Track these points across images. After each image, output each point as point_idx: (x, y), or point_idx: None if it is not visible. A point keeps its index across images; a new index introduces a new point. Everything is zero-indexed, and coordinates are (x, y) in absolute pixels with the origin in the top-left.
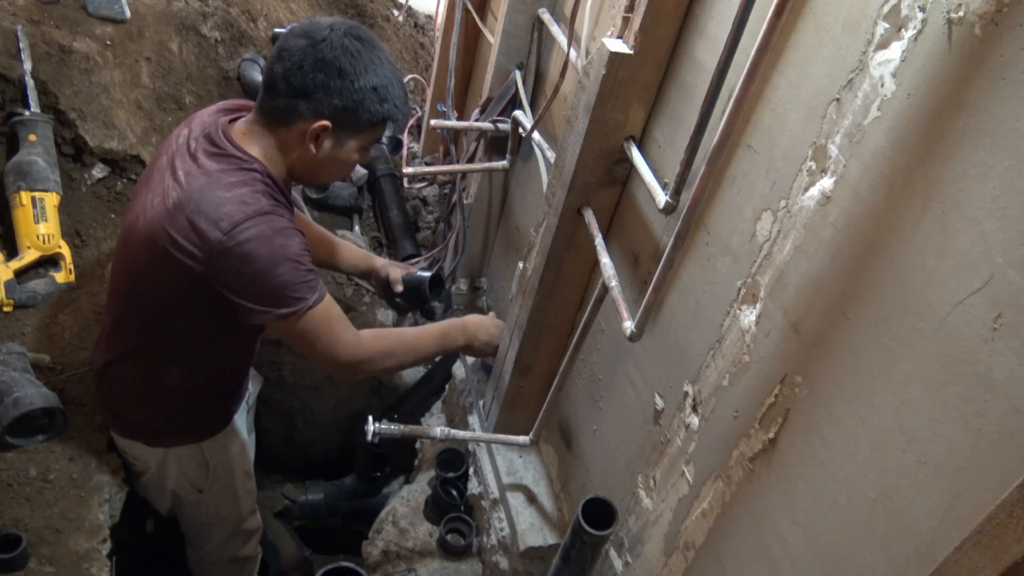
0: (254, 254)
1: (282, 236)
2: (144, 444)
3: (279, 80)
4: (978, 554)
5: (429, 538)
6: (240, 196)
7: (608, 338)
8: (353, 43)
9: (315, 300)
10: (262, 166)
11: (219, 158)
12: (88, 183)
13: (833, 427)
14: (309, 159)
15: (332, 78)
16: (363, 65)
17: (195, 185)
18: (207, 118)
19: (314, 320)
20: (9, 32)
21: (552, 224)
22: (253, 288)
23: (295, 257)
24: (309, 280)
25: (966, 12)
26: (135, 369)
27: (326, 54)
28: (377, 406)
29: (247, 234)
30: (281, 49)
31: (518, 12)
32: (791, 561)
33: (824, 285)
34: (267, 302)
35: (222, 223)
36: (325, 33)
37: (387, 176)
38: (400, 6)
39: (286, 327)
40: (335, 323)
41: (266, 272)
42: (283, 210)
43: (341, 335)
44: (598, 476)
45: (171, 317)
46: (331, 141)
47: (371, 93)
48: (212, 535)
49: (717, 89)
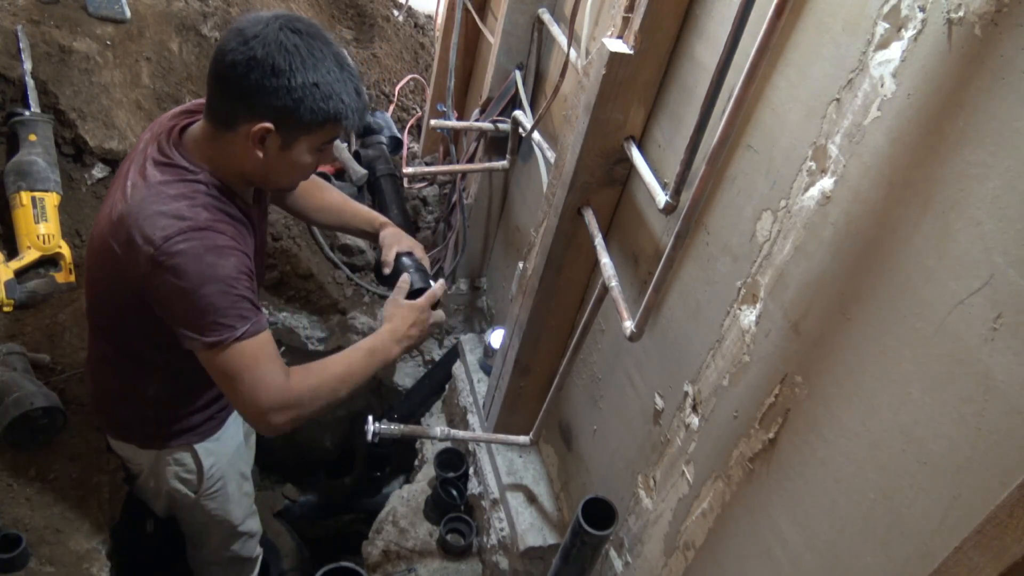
0: (182, 270)
1: (214, 254)
2: (137, 447)
3: (215, 82)
4: (978, 554)
5: (429, 538)
6: (176, 210)
7: (608, 338)
8: (290, 37)
9: (244, 332)
10: (208, 176)
11: (164, 168)
12: (88, 183)
13: (833, 427)
14: (258, 163)
15: (266, 77)
16: (300, 60)
17: (136, 198)
18: (165, 122)
19: (238, 355)
20: (9, 32)
21: (552, 224)
22: (181, 308)
23: (225, 279)
24: (241, 308)
25: (966, 12)
26: (117, 378)
27: (258, 52)
28: (377, 406)
29: (177, 248)
30: (217, 49)
31: (518, 12)
32: (791, 561)
33: (824, 285)
34: (193, 326)
35: (155, 238)
36: (258, 29)
37: (387, 176)
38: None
39: (207, 358)
40: (263, 363)
41: (192, 291)
42: (226, 224)
43: (267, 377)
44: (598, 476)
45: (132, 330)
46: (277, 143)
47: (312, 90)
48: (210, 536)
49: (717, 89)
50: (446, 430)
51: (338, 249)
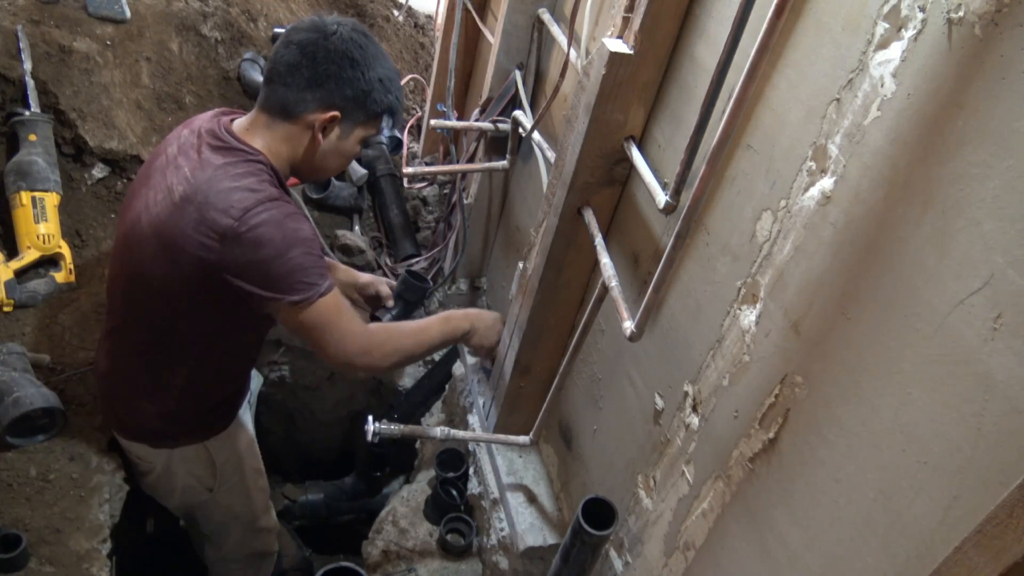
0: (266, 238)
1: (293, 220)
2: (149, 447)
3: (288, 72)
4: (978, 554)
5: (429, 538)
6: (248, 184)
7: (608, 338)
8: (360, 37)
9: (326, 287)
10: (266, 159)
11: (224, 152)
12: (88, 183)
13: (833, 427)
14: (313, 150)
15: (344, 68)
16: (371, 57)
17: (202, 178)
18: (207, 118)
19: (325, 309)
20: (9, 32)
21: (552, 224)
22: (265, 273)
23: (306, 241)
24: (320, 266)
25: (966, 12)
26: (142, 371)
27: (338, 45)
28: (377, 406)
29: (258, 219)
30: (288, 43)
31: (518, 12)
32: (791, 561)
33: (824, 285)
34: (279, 288)
35: (232, 210)
36: (335, 27)
37: (387, 176)
38: (400, 6)
39: (296, 317)
40: (345, 313)
41: (279, 256)
42: (289, 199)
43: (351, 326)
44: (598, 476)
45: (177, 316)
46: (337, 132)
47: (378, 84)
48: (229, 534)
49: (717, 89)
50: (446, 430)
51: (338, 249)
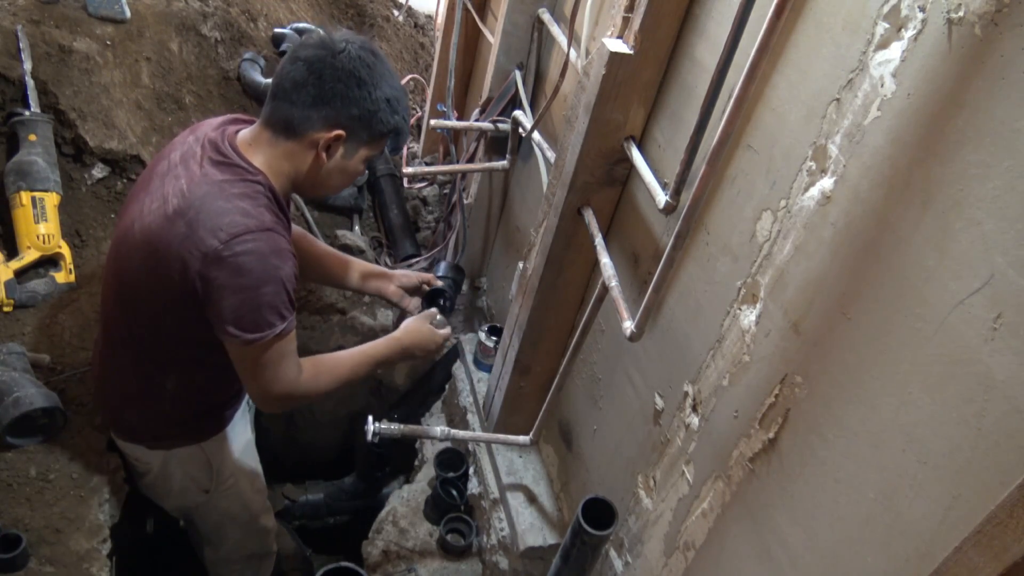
0: (246, 268)
1: (277, 257)
2: (146, 448)
3: (294, 89)
4: (978, 554)
5: (429, 538)
6: (242, 208)
7: (608, 338)
8: (368, 56)
9: (282, 329)
10: (265, 179)
11: (224, 167)
12: (88, 183)
13: (833, 427)
14: (315, 169)
15: (351, 87)
16: (379, 76)
17: (198, 193)
18: (214, 125)
19: (269, 351)
20: (9, 32)
21: (552, 224)
22: (233, 302)
23: (284, 280)
24: (286, 308)
25: (966, 12)
26: (133, 375)
27: (345, 64)
28: (377, 406)
29: (244, 247)
30: (295, 59)
31: (518, 12)
32: (791, 561)
33: (824, 285)
34: (239, 322)
35: (221, 233)
36: (343, 45)
37: (387, 176)
38: (400, 6)
39: (240, 349)
40: (286, 358)
41: (252, 288)
42: (283, 228)
43: (286, 372)
44: (598, 476)
45: (163, 325)
46: (342, 151)
47: (385, 104)
48: (227, 534)
49: (717, 89)
50: (446, 430)
51: (338, 249)
